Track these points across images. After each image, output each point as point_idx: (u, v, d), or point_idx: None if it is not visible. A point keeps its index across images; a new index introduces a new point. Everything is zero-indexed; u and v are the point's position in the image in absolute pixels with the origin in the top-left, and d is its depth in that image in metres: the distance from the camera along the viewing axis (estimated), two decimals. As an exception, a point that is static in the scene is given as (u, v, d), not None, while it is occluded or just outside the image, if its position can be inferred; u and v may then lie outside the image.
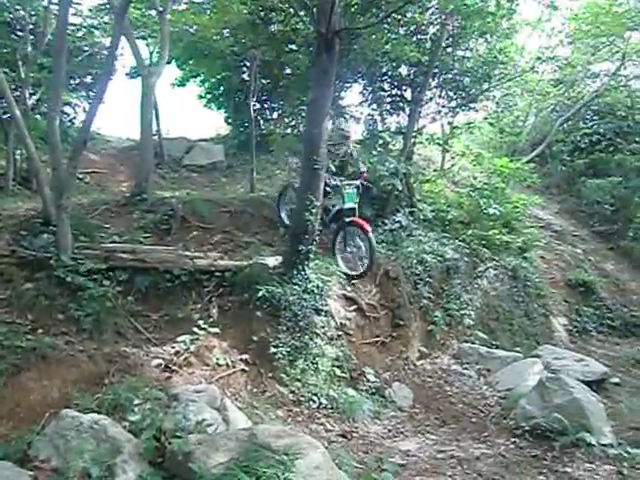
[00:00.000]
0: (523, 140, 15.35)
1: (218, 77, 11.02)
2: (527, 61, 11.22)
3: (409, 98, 9.06)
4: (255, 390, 4.90)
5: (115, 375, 4.26)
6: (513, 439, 4.52)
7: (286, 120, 9.89)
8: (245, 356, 5.17)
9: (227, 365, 5.02)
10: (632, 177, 13.33)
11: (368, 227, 6.40)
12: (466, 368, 6.46)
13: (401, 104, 9.21)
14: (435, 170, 10.56)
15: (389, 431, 4.87)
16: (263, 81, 10.02)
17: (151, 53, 10.81)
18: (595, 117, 14.90)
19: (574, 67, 13.75)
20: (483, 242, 8.77)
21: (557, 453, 4.14)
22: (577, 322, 9.71)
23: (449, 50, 9.09)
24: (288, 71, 9.69)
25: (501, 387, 5.83)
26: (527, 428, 4.57)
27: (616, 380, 7.05)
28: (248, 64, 9.74)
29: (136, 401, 3.83)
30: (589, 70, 14.27)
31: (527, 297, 8.97)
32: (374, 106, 9.27)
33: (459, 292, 7.74)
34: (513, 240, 9.35)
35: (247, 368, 5.09)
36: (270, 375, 5.08)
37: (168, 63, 8.90)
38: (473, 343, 7.24)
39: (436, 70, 9.10)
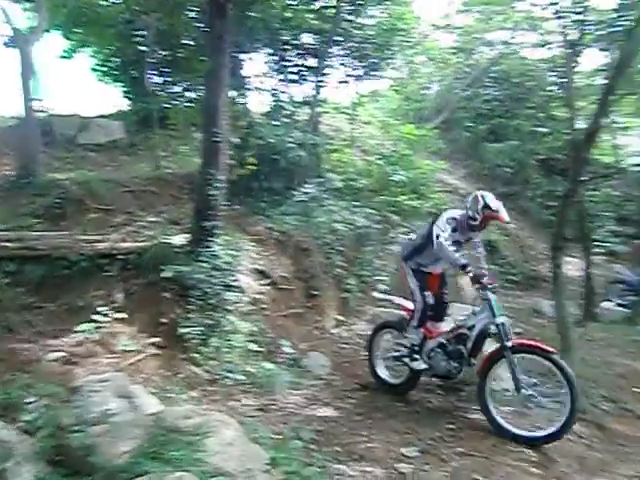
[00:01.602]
0: (428, 107, 15.75)
1: (111, 48, 10.27)
2: (425, 29, 11.44)
3: (313, 67, 8.96)
4: (168, 373, 4.73)
5: (6, 374, 3.92)
6: (426, 394, 4.71)
7: (188, 93, 9.46)
8: (155, 339, 4.97)
9: (136, 351, 4.80)
10: (527, 141, 14.17)
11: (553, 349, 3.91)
12: (382, 333, 6.61)
13: (306, 73, 9.10)
14: (343, 139, 10.59)
15: (308, 400, 4.87)
16: (162, 52, 9.47)
17: (30, 19, 9.83)
18: (493, 84, 15.61)
19: (470, 35, 14.27)
20: (393, 208, 8.98)
21: (464, 402, 4.37)
22: (484, 280, 10.26)
23: (350, 18, 9.06)
24: (187, 41, 9.21)
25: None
26: (438, 382, 4.78)
27: (519, 330, 7.56)
28: (144, 33, 9.15)
29: (30, 399, 3.54)
30: (485, 39, 14.86)
31: (438, 259, 9.31)
32: (279, 76, 9.08)
33: (372, 259, 7.90)
34: (422, 205, 9.63)
35: (158, 351, 4.90)
36: (183, 356, 4.92)
37: (47, 31, 8.14)
38: (387, 307, 7.44)
39: (339, 38, 9.06)
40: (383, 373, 4.95)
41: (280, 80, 9.15)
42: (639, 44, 6.49)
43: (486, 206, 4.27)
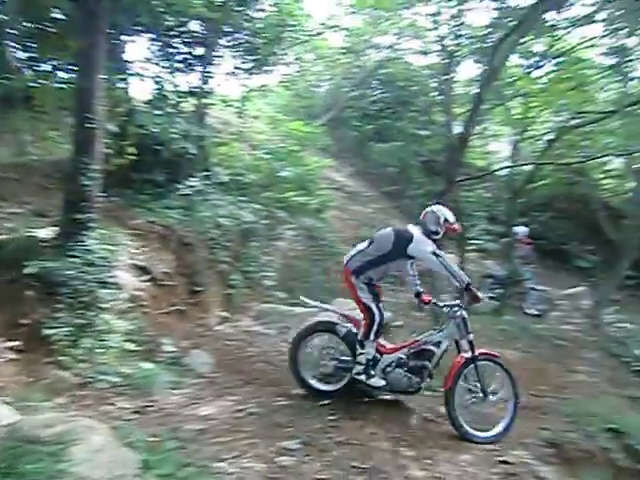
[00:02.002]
0: (317, 105, 16.00)
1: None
2: (315, 27, 11.60)
3: (201, 56, 8.65)
4: (28, 379, 4.29)
5: None
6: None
7: (60, 73, 8.64)
8: (14, 343, 4.49)
9: (-12, 357, 4.31)
10: (410, 142, 14.93)
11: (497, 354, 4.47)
12: (267, 328, 6.60)
13: (192, 62, 8.76)
14: (231, 133, 10.39)
15: (189, 399, 4.69)
16: (27, 24, 8.53)
17: None
18: (380, 86, 16.25)
19: (359, 37, 14.73)
20: (280, 205, 8.98)
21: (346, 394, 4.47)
22: (368, 274, 10.65)
23: (240, 9, 8.88)
24: (58, 14, 8.40)
25: (298, 342, 6.07)
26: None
27: (400, 323, 7.94)
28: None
29: None
30: (372, 42, 15.41)
31: (324, 255, 9.48)
32: (163, 63, 8.63)
33: (258, 255, 7.84)
34: (309, 202, 9.75)
35: (17, 356, 4.43)
36: (47, 360, 4.49)
37: None
38: (273, 303, 7.44)
39: (228, 29, 8.85)
40: (313, 380, 4.61)
41: (164, 67, 8.71)
42: (504, 59, 7.12)
43: (446, 220, 4.43)
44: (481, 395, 4.16)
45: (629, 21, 9.12)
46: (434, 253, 4.19)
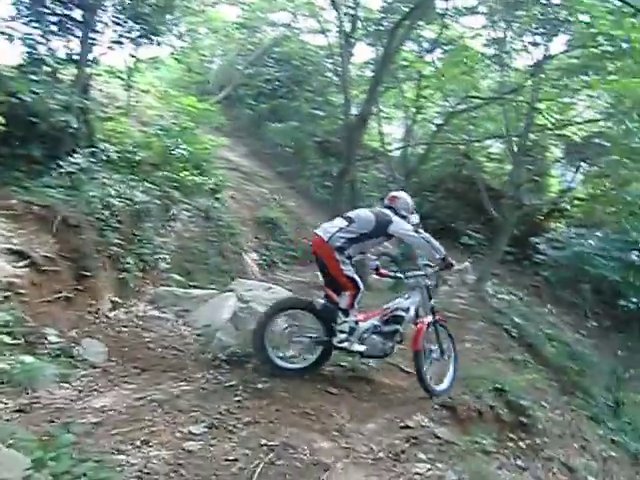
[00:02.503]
0: (211, 81, 15.47)
1: None
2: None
3: (80, 21, 7.89)
4: None
5: None
6: (212, 371, 4.59)
7: None
8: None
9: None
10: (306, 123, 14.98)
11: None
12: (164, 312, 6.31)
13: (70, 26, 7.95)
14: (118, 107, 9.69)
15: (80, 392, 4.35)
16: None
17: None
18: (275, 65, 16.04)
19: (254, 13, 14.39)
20: (175, 184, 8.57)
21: (251, 373, 4.39)
22: (266, 256, 10.60)
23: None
24: None
25: (199, 324, 5.89)
26: (224, 358, 4.73)
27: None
28: None
29: None
30: (268, 18, 15.14)
31: (220, 236, 9.27)
32: (34, 24, 7.73)
33: (152, 236, 7.41)
34: (204, 181, 9.43)
35: None
36: None
37: None
38: (170, 286, 7.12)
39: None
40: (281, 359, 4.54)
41: (37, 29, 7.81)
42: (399, 43, 7.30)
43: (411, 205, 4.95)
44: (439, 354, 4.69)
45: (506, 15, 9.81)
46: (416, 231, 4.68)
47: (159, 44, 9.57)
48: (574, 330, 9.99)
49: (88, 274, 6.09)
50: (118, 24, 8.72)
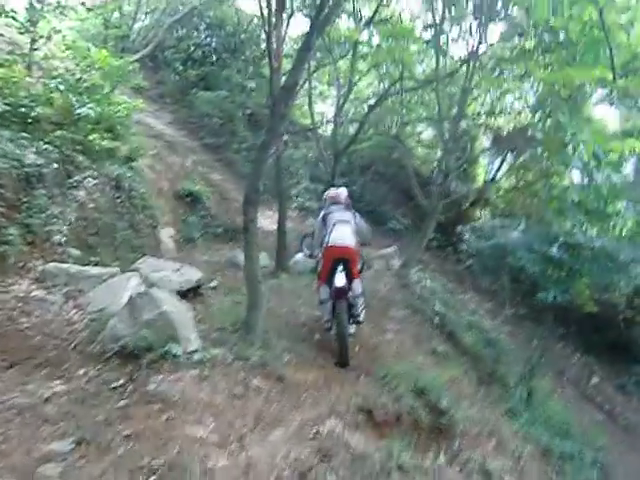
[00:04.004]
0: (134, 39, 14.21)
1: None
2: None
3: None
4: None
5: None
6: (98, 366, 3.93)
7: None
8: None
9: None
10: (237, 93, 14.13)
11: None
12: (51, 292, 5.47)
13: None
14: (11, 52, 8.42)
15: None
16: None
17: None
18: (207, 30, 14.99)
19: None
20: (80, 147, 7.61)
21: (143, 371, 3.78)
22: (184, 231, 9.85)
23: None
24: None
25: (92, 308, 5.13)
26: (115, 350, 4.07)
27: (214, 284, 7.41)
28: None
29: None
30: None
31: (133, 208, 8.39)
32: None
33: (45, 205, 6.47)
34: (117, 147, 8.51)
35: None
36: None
37: None
38: (65, 262, 6.27)
39: None
40: None
41: None
42: (332, 15, 6.70)
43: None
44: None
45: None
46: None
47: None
48: (492, 317, 10.12)
49: (-50, 246, 5.17)
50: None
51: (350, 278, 5.28)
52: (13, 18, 7.92)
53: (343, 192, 8.64)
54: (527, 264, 6.78)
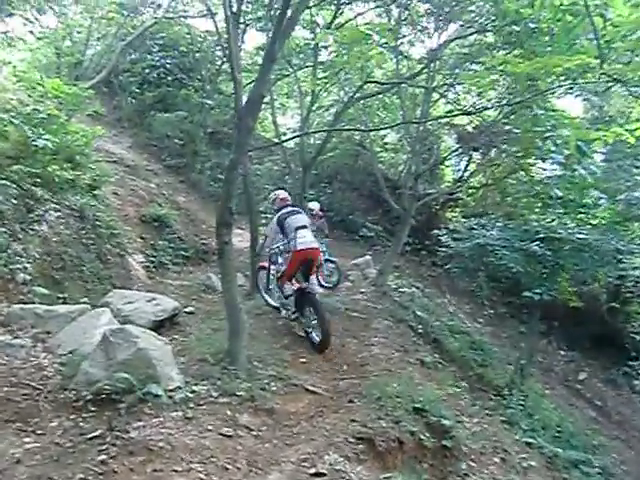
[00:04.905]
0: (87, 66, 13.86)
1: None
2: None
3: None
4: None
5: None
6: (72, 416, 3.67)
7: None
8: None
9: None
10: (196, 112, 13.91)
11: None
12: (17, 336, 5.14)
13: None
14: (-39, 87, 8.10)
15: None
16: None
17: None
18: (161, 51, 14.72)
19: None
20: (39, 180, 7.31)
21: (123, 417, 3.54)
22: (154, 257, 9.55)
23: None
24: None
25: (62, 351, 4.83)
26: (89, 397, 3.81)
27: (191, 309, 7.18)
28: None
29: None
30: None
31: (98, 238, 8.09)
32: None
33: (6, 243, 6.18)
34: (78, 177, 8.22)
35: None
36: None
37: None
38: (31, 303, 5.95)
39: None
40: None
41: None
42: (294, 23, 6.60)
43: None
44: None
45: (398, 5, 9.51)
46: None
47: (12, 17, 8.16)
48: (472, 319, 10.11)
49: None
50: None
51: (309, 274, 6.17)
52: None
53: (316, 206, 8.85)
54: (509, 263, 6.74)
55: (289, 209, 6.40)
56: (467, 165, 11.69)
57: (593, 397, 9.86)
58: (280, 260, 6.52)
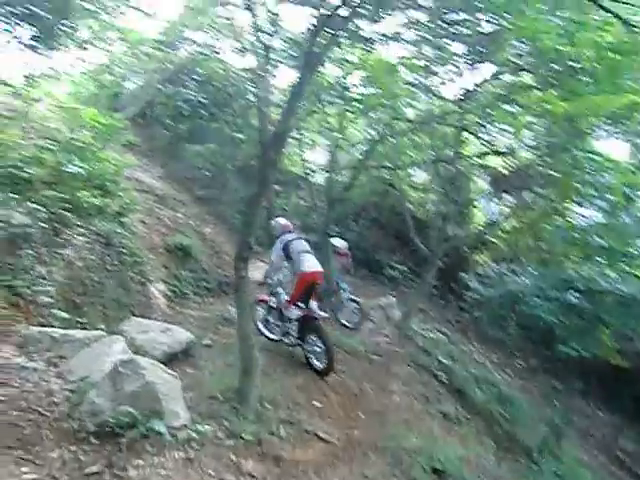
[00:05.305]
0: (124, 97, 14.34)
1: None
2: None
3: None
4: None
5: None
6: (73, 447, 3.54)
7: None
8: None
9: None
10: (226, 146, 14.14)
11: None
12: (32, 359, 5.10)
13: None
14: (7, 118, 8.41)
15: None
16: None
17: None
18: (196, 85, 15.14)
19: (175, 29, 13.54)
20: (68, 205, 7.43)
21: (123, 454, 3.39)
22: (175, 287, 9.51)
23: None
24: None
25: (73, 377, 4.74)
26: (93, 428, 3.69)
27: (207, 342, 7.05)
28: None
29: None
30: (188, 36, 14.33)
31: (122, 265, 8.12)
32: None
33: (32, 265, 6.22)
34: (107, 204, 8.33)
35: None
36: None
37: None
38: (50, 325, 5.92)
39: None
40: None
41: None
42: (319, 63, 6.66)
43: None
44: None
45: (431, 44, 9.53)
46: None
47: (59, 50, 8.51)
48: (501, 370, 9.62)
49: None
50: (8, 23, 7.61)
51: (309, 299, 6.29)
52: (8, 85, 7.89)
53: (341, 244, 8.95)
54: (542, 312, 6.36)
55: (293, 235, 6.71)
56: (499, 208, 11.39)
57: (637, 467, 9.02)
58: (280, 290, 6.79)
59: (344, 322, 9.13)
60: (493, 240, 13.23)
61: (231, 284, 10.50)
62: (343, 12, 6.29)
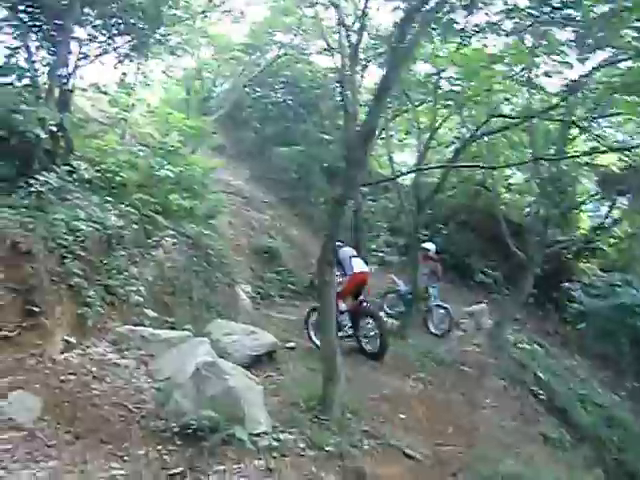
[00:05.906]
0: (213, 101, 14.84)
1: None
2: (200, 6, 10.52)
3: (52, 28, 7.16)
4: None
5: None
6: (159, 446, 3.55)
7: None
8: None
9: None
10: (313, 147, 14.14)
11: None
12: (124, 356, 5.27)
13: (52, 34, 7.23)
14: (103, 124, 8.92)
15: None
16: None
17: None
18: (283, 87, 15.34)
19: (262, 32, 13.79)
20: (159, 208, 7.69)
21: (204, 457, 3.34)
22: (261, 288, 9.61)
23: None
24: None
25: (160, 376, 4.83)
26: (177, 429, 3.68)
27: (292, 344, 7.00)
28: None
29: None
30: (275, 38, 14.52)
31: (209, 266, 8.29)
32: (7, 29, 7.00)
33: (125, 265, 6.45)
34: (196, 206, 8.55)
35: None
36: None
37: None
38: (140, 324, 6.12)
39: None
40: None
41: (15, 39, 7.08)
42: (400, 63, 6.37)
43: None
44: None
45: (533, 33, 8.87)
46: None
47: (151, 58, 8.88)
48: (609, 389, 8.70)
49: (38, 309, 5.13)
50: (103, 34, 8.02)
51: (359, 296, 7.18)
52: (105, 92, 8.35)
53: (431, 247, 8.83)
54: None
55: (339, 243, 6.87)
56: (610, 211, 10.33)
57: None
58: None
59: (432, 329, 8.72)
60: (602, 247, 12.12)
61: (316, 287, 10.44)
62: (433, 2, 5.97)
